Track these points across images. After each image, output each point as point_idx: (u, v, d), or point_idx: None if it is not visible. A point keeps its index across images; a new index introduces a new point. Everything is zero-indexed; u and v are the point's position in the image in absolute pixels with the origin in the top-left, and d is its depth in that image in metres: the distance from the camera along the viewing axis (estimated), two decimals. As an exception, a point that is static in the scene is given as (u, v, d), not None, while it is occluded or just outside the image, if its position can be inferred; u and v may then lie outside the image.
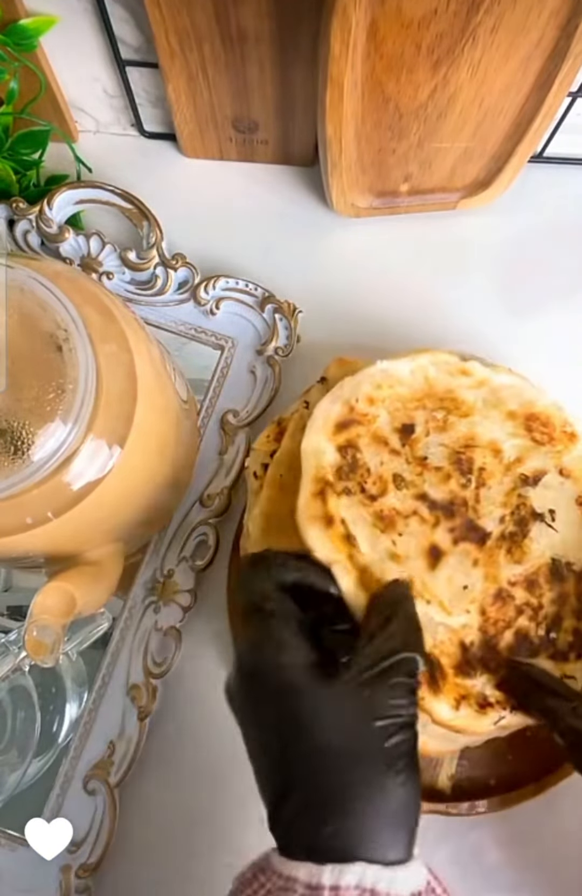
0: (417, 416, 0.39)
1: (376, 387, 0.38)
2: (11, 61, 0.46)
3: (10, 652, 0.44)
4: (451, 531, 0.37)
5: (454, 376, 0.40)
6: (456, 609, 0.35)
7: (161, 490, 0.43)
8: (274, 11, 0.42)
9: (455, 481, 0.38)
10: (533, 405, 0.40)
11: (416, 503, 0.37)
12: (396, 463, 0.38)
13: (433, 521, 0.37)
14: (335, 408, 0.37)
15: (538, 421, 0.39)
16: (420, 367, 0.40)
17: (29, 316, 0.33)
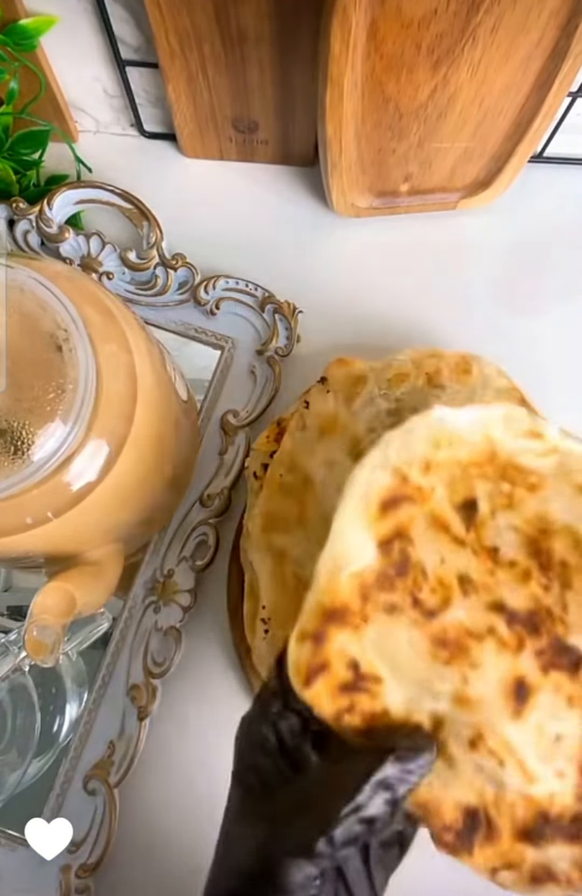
0: (478, 489, 0.29)
1: (435, 445, 0.28)
2: (11, 61, 0.46)
3: (10, 652, 0.44)
4: (538, 655, 0.27)
5: (522, 438, 0.29)
6: (544, 771, 0.27)
7: (161, 490, 0.43)
8: (274, 11, 0.42)
9: (536, 582, 0.28)
10: None
11: (491, 616, 0.28)
12: (460, 558, 0.28)
13: (516, 643, 0.27)
14: (382, 478, 0.27)
15: None
16: (487, 422, 0.29)
17: (29, 316, 0.33)
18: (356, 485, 0.27)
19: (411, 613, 0.27)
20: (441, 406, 0.28)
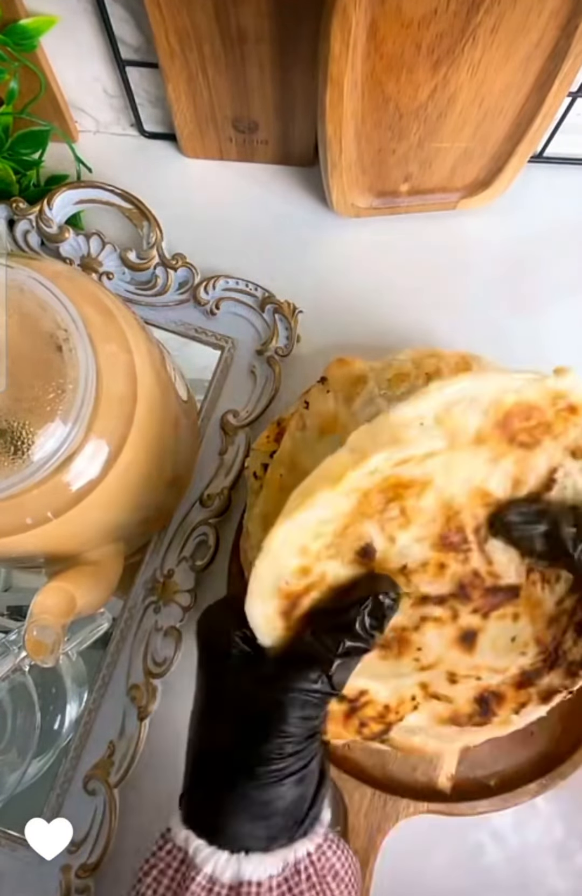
0: (366, 531, 0.30)
1: (301, 553, 0.30)
2: (11, 61, 0.46)
3: (10, 652, 0.44)
4: (475, 612, 0.32)
5: (397, 465, 0.30)
6: (507, 661, 0.33)
7: (161, 490, 0.43)
8: (274, 11, 0.42)
9: (454, 562, 0.32)
10: (500, 403, 0.30)
11: (421, 609, 0.32)
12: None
13: (452, 615, 0.32)
14: (268, 607, 0.30)
15: (517, 417, 0.30)
16: (351, 491, 0.29)
17: (29, 316, 0.33)
18: (253, 616, 0.30)
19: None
20: (289, 519, 0.29)
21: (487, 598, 0.32)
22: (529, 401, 0.30)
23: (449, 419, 0.30)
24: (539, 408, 0.30)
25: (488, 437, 0.30)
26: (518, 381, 0.30)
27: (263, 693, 0.28)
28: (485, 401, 0.30)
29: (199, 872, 0.28)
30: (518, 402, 0.30)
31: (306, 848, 0.30)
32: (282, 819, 0.28)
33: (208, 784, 0.29)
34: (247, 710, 0.28)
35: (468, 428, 0.30)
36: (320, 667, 0.28)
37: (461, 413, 0.30)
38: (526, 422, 0.31)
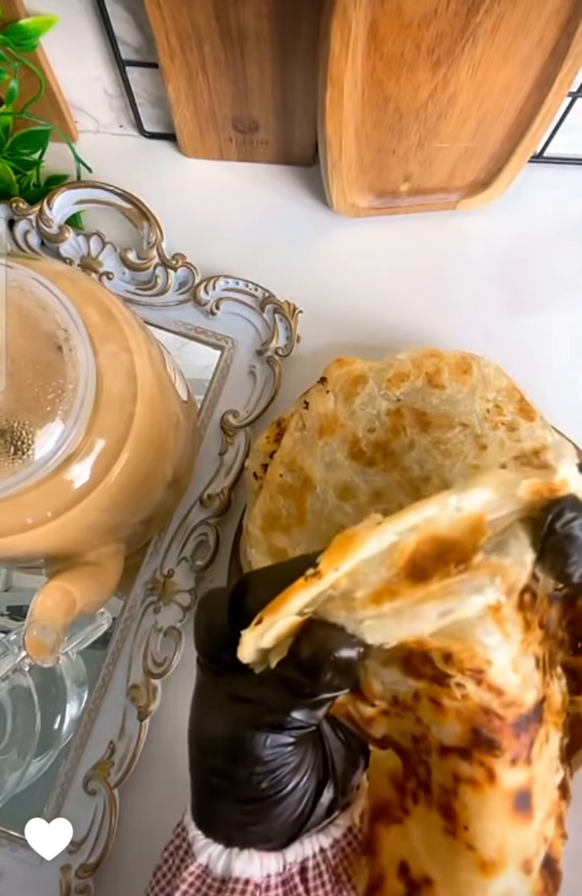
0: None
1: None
2: (11, 61, 0.46)
3: (10, 652, 0.44)
4: (514, 763, 0.26)
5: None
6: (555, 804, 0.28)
7: (161, 490, 0.43)
8: (274, 11, 0.42)
9: (447, 698, 0.26)
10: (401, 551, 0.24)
11: (448, 762, 0.27)
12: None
13: (486, 774, 0.26)
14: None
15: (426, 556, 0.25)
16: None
17: (29, 316, 0.33)
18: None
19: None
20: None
21: (519, 737, 0.26)
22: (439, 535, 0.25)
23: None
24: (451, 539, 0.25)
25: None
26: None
27: (231, 717, 0.26)
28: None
29: (194, 861, 0.28)
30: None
31: (319, 844, 0.28)
32: (276, 829, 0.27)
33: (200, 790, 0.28)
34: (219, 731, 0.27)
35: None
36: (282, 707, 0.26)
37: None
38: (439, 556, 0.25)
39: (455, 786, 0.26)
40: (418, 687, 0.27)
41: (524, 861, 0.26)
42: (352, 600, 0.24)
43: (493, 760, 0.26)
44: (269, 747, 0.26)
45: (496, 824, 0.26)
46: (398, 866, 0.27)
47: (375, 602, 0.24)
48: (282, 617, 0.24)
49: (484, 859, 0.26)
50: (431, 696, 0.26)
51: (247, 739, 0.26)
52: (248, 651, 0.25)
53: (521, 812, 0.26)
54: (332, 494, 0.43)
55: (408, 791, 0.28)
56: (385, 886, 0.27)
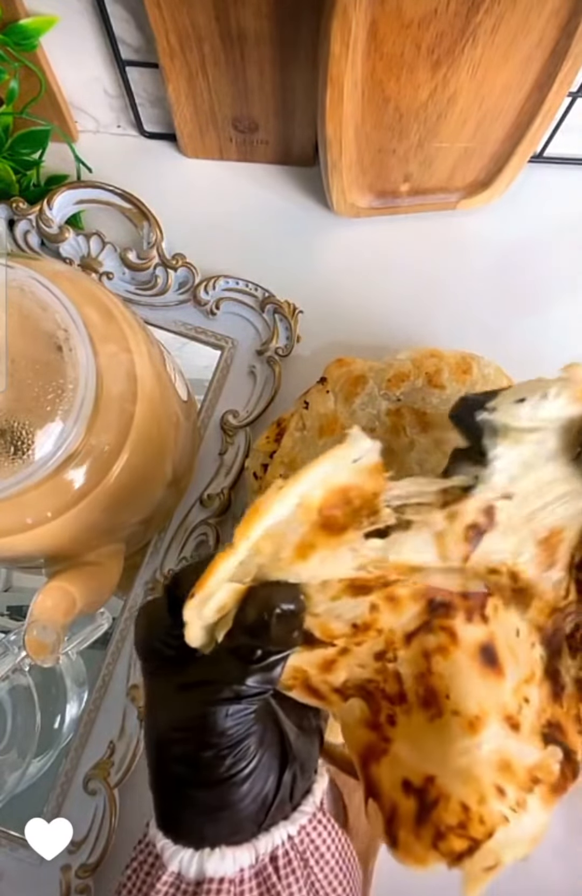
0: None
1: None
2: (11, 61, 0.46)
3: (10, 652, 0.44)
4: (468, 619, 0.30)
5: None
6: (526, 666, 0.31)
7: (161, 490, 0.43)
8: (274, 11, 0.42)
9: (386, 601, 0.29)
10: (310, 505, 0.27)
11: (419, 643, 0.30)
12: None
13: (450, 637, 0.30)
14: (205, 610, 0.27)
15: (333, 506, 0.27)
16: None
17: (29, 316, 0.33)
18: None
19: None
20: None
21: (468, 598, 0.30)
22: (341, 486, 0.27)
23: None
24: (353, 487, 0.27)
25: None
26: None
27: (186, 703, 0.27)
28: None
29: (166, 870, 0.28)
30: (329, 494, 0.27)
31: (286, 832, 0.29)
32: (243, 814, 0.28)
33: (164, 788, 0.29)
34: (177, 719, 0.27)
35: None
36: (237, 677, 0.27)
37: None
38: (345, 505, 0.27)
39: (428, 664, 0.29)
40: (371, 599, 0.28)
41: (506, 716, 0.29)
42: (280, 560, 0.27)
43: (450, 621, 0.29)
44: (231, 718, 0.26)
45: (470, 682, 0.29)
46: (401, 788, 0.28)
47: (300, 557, 0.26)
48: (212, 588, 0.26)
49: (469, 718, 0.28)
50: (386, 597, 0.29)
51: (208, 716, 0.26)
52: (193, 630, 0.27)
53: (489, 667, 0.29)
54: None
55: (382, 723, 0.30)
56: (399, 812, 0.28)
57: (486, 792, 0.27)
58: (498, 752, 0.28)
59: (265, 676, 0.27)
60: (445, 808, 0.27)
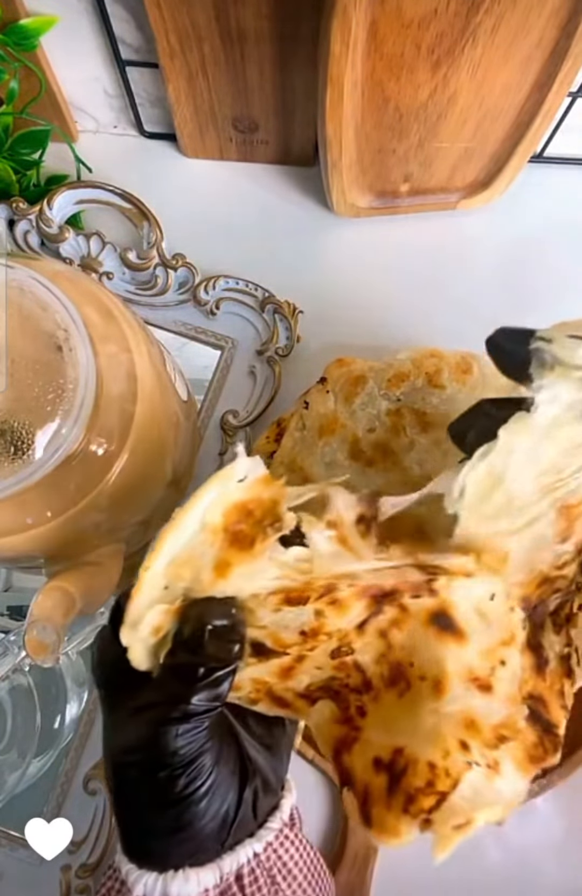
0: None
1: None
2: (11, 61, 0.46)
3: (10, 652, 0.44)
4: (416, 595, 0.30)
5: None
6: (504, 630, 0.31)
7: (161, 490, 0.43)
8: (274, 11, 0.42)
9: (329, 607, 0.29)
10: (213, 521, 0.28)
11: (373, 624, 0.30)
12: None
13: (400, 610, 0.30)
14: (142, 630, 0.28)
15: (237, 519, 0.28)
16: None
17: (29, 316, 0.33)
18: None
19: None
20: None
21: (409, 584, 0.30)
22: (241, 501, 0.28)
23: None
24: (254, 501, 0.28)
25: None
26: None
27: (137, 725, 0.27)
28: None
29: (130, 895, 0.27)
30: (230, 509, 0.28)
31: (252, 850, 0.29)
32: (204, 833, 0.27)
33: (127, 810, 0.28)
34: (130, 742, 0.27)
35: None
36: (182, 696, 0.27)
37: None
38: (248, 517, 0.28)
39: (386, 641, 0.30)
40: (314, 606, 0.28)
41: (472, 678, 0.29)
42: (201, 582, 0.27)
43: (398, 600, 0.30)
44: (182, 737, 0.26)
45: (429, 647, 0.30)
46: (372, 768, 0.29)
47: (220, 576, 0.27)
48: (138, 613, 0.27)
49: (433, 682, 0.29)
50: (329, 602, 0.29)
51: (159, 736, 0.26)
52: (136, 653, 0.27)
53: (446, 631, 0.30)
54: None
55: (352, 715, 0.30)
56: (370, 790, 0.28)
57: (450, 746, 0.28)
58: (463, 712, 0.29)
59: (211, 693, 0.27)
60: (414, 772, 0.28)
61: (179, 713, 0.26)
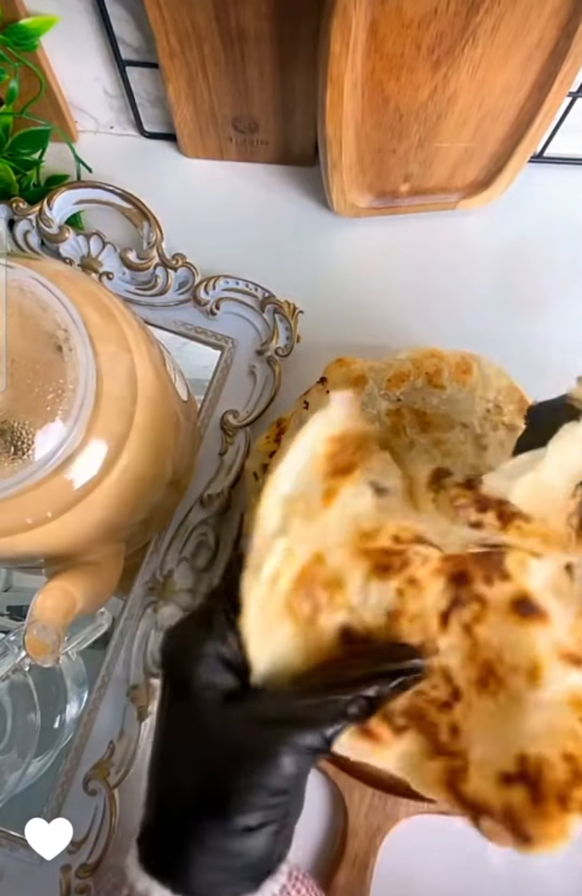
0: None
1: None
2: (11, 61, 0.46)
3: (10, 652, 0.44)
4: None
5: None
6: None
7: (161, 490, 0.43)
8: (274, 11, 0.42)
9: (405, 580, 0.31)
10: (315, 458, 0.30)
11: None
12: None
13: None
14: (279, 629, 0.29)
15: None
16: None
17: (29, 316, 0.33)
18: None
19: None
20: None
21: (479, 562, 0.31)
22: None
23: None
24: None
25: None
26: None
27: (255, 737, 0.25)
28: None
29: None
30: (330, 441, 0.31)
31: (271, 891, 0.27)
32: (252, 870, 0.26)
33: (174, 828, 0.26)
34: (231, 753, 0.26)
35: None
36: (324, 730, 0.26)
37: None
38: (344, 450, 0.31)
39: (472, 636, 0.30)
40: (395, 585, 0.30)
41: (564, 654, 0.29)
42: (312, 512, 0.29)
43: (475, 589, 0.30)
44: (295, 765, 0.25)
45: (515, 636, 0.30)
46: (502, 785, 0.28)
47: (328, 503, 0.29)
48: (262, 550, 0.28)
49: (528, 672, 0.29)
50: (408, 581, 0.30)
51: (280, 756, 0.25)
52: (257, 612, 0.28)
53: (528, 616, 0.30)
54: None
55: (444, 743, 0.29)
56: (515, 809, 0.27)
57: (577, 729, 0.28)
58: (566, 692, 0.29)
59: (336, 738, 0.26)
60: (552, 770, 0.27)
61: (318, 742, 0.25)
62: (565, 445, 0.30)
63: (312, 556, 0.29)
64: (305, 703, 0.26)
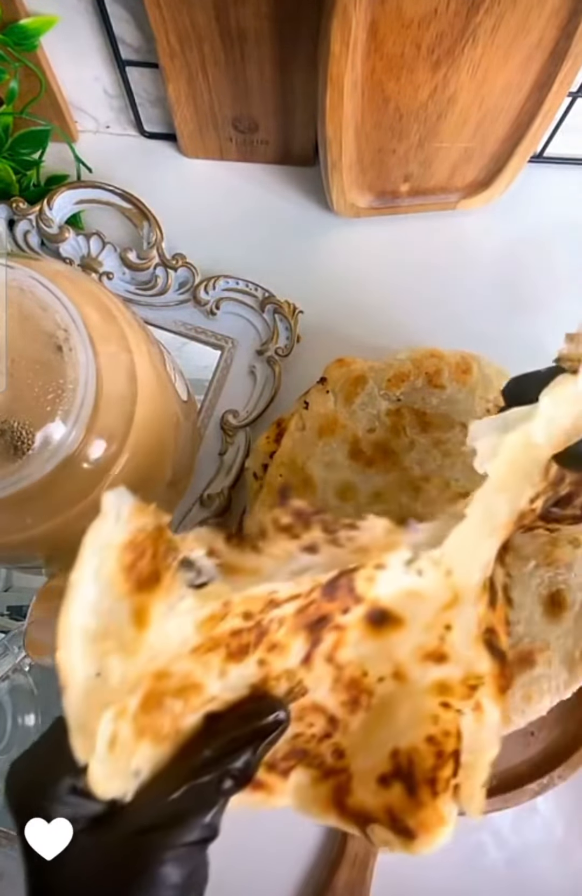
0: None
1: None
2: (11, 61, 0.46)
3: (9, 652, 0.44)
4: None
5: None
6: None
7: (161, 490, 0.43)
8: (274, 11, 0.42)
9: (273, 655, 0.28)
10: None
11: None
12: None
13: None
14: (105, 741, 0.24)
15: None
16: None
17: (29, 316, 0.33)
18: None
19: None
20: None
21: (333, 600, 0.28)
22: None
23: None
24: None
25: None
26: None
27: (134, 853, 0.23)
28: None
29: None
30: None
31: None
32: None
33: None
34: (113, 878, 0.24)
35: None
36: (203, 818, 0.24)
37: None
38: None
39: (335, 662, 0.29)
40: (256, 656, 0.27)
41: (425, 655, 0.29)
42: (126, 643, 0.24)
43: (332, 621, 0.28)
44: (179, 870, 0.23)
45: (374, 647, 0.29)
46: (380, 787, 0.28)
47: (141, 626, 0.24)
48: (78, 710, 0.23)
49: (392, 677, 0.29)
50: (267, 648, 0.27)
51: (161, 865, 0.23)
52: (101, 776, 0.23)
53: (383, 624, 0.29)
54: (332, 495, 0.43)
55: (330, 766, 0.29)
56: (395, 807, 0.27)
57: (436, 713, 0.28)
58: (430, 684, 0.29)
59: (218, 821, 0.24)
60: (420, 757, 0.27)
61: (205, 832, 0.24)
62: (559, 397, 0.29)
63: (152, 677, 0.25)
64: (177, 796, 0.24)
